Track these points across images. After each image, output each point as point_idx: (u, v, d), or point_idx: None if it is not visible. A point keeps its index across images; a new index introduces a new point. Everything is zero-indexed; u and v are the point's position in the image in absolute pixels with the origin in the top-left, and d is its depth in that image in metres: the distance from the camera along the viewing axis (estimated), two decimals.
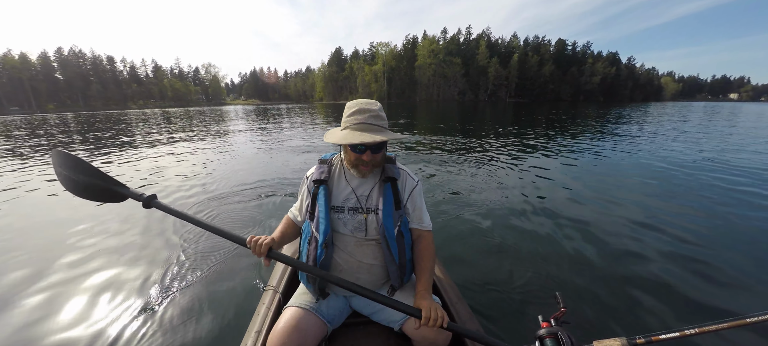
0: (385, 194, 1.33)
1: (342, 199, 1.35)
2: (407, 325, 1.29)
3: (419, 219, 1.41)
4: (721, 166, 6.42)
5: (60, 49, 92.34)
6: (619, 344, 0.83)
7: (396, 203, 1.34)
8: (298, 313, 1.27)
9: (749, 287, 2.48)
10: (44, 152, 8.81)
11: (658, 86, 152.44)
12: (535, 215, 3.80)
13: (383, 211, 1.30)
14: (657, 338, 0.80)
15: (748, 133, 12.22)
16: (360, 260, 1.33)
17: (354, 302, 1.45)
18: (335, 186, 1.37)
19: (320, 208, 1.32)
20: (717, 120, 19.30)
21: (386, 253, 1.31)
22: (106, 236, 3.37)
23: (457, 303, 1.50)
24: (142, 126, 18.02)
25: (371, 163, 1.28)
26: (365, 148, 1.24)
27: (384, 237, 1.30)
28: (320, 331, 1.29)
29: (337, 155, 1.45)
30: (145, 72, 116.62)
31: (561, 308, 1.08)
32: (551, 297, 1.16)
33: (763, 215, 3.84)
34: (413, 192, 1.40)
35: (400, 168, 1.42)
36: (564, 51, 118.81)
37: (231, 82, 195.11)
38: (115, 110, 62.97)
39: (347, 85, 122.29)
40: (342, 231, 1.34)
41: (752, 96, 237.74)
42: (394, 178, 1.36)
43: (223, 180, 5.54)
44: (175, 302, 2.30)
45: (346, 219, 1.34)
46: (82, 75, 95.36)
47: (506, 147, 8.92)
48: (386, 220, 1.30)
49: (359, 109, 1.26)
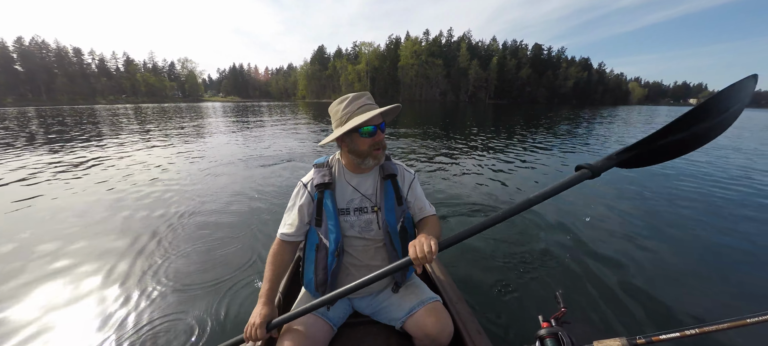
0: (387, 190, 1.34)
1: (346, 200, 1.34)
2: (408, 323, 1.29)
3: (422, 208, 1.42)
4: (721, 167, 6.59)
5: (20, 38, 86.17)
6: (619, 344, 0.81)
7: (397, 198, 1.36)
8: (306, 319, 1.27)
9: (749, 287, 2.52)
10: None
11: (625, 91, 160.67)
12: (534, 215, 3.80)
13: (386, 207, 1.32)
14: (657, 338, 0.80)
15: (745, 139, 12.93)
16: (368, 263, 1.34)
17: (356, 302, 1.45)
18: (338, 188, 1.35)
19: (328, 213, 1.30)
20: None
21: (389, 249, 1.32)
22: (95, 237, 3.24)
23: (457, 303, 1.50)
24: (109, 123, 17.09)
25: (383, 144, 1.28)
26: (376, 129, 1.24)
27: (387, 233, 1.31)
28: (327, 334, 1.30)
29: (333, 157, 1.43)
30: (115, 65, 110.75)
31: (561, 308, 1.08)
32: (551, 297, 1.14)
33: (762, 214, 3.98)
34: (412, 184, 1.42)
35: (396, 163, 1.44)
36: (540, 55, 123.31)
37: (209, 78, 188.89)
38: (82, 105, 59.35)
39: (330, 84, 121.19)
40: (349, 234, 1.33)
41: None
42: (393, 174, 1.37)
43: (201, 187, 5.00)
44: (174, 302, 2.26)
45: (352, 221, 1.33)
46: (45, 67, 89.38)
47: (499, 146, 9.03)
48: (389, 215, 1.32)
49: (356, 95, 1.26)
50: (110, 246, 3.07)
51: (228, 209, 4.04)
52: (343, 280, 1.34)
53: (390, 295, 1.39)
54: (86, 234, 3.33)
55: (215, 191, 4.80)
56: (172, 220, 3.66)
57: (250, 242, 3.15)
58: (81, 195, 4.59)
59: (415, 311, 1.28)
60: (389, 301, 1.38)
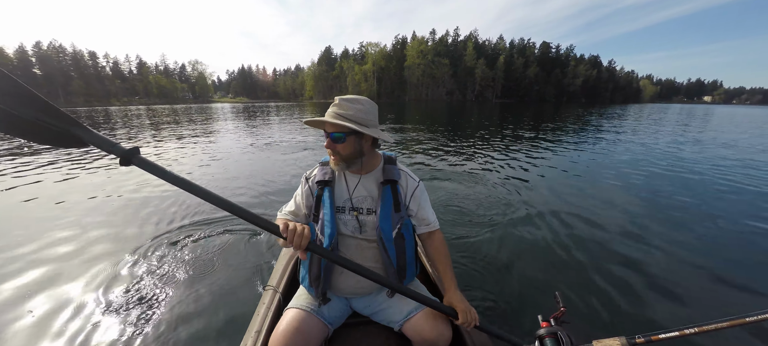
0: (384, 195, 1.33)
1: (343, 199, 1.36)
2: (406, 326, 1.29)
3: (425, 220, 1.39)
4: (721, 167, 6.58)
5: (39, 43, 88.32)
6: (618, 343, 0.82)
7: (396, 204, 1.34)
8: (300, 315, 1.27)
9: (749, 286, 2.52)
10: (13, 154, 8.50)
11: (637, 88, 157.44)
12: (534, 215, 3.81)
13: (381, 212, 1.30)
14: (657, 337, 0.81)
15: (740, 134, 12.71)
16: (361, 262, 1.32)
17: (354, 303, 1.44)
18: (337, 187, 1.37)
19: (325, 210, 1.32)
20: (694, 121, 19.85)
21: (382, 253, 1.31)
22: (93, 228, 3.37)
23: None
24: (126, 123, 17.51)
25: (332, 151, 1.26)
26: (326, 137, 1.26)
27: (381, 239, 1.29)
28: (321, 333, 1.30)
29: None
30: (129, 68, 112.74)
31: (561, 307, 1.09)
32: (551, 297, 1.18)
33: (763, 214, 3.97)
34: (415, 193, 1.38)
35: (401, 169, 1.40)
36: (548, 53, 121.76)
37: (218, 80, 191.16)
38: (97, 107, 60.76)
39: (337, 84, 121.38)
40: (344, 232, 1.35)
41: (724, 99, 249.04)
42: (394, 180, 1.35)
43: (206, 182, 5.38)
44: (174, 301, 2.29)
45: (347, 220, 1.35)
46: (62, 70, 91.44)
47: (501, 147, 8.98)
48: (383, 222, 1.30)
49: (335, 102, 1.26)
50: (108, 248, 3.11)
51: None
52: (336, 277, 1.36)
53: (389, 296, 1.39)
54: (82, 236, 3.39)
55: (217, 190, 4.93)
56: (173, 218, 3.78)
57: (255, 237, 3.23)
58: (84, 193, 4.75)
59: (412, 315, 1.29)
60: (388, 302, 1.38)
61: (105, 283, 2.54)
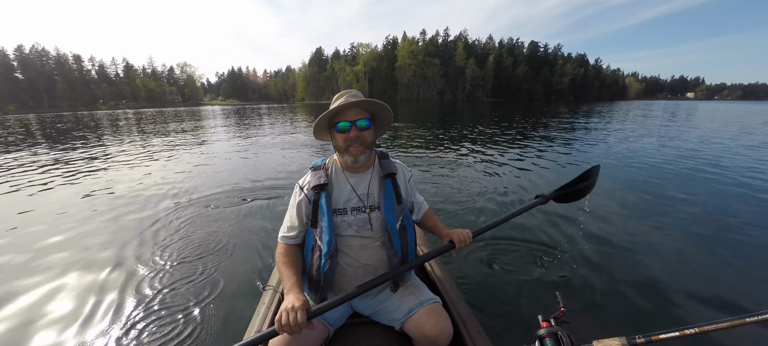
0: (386, 189, 1.34)
1: (343, 200, 1.33)
2: (408, 324, 1.28)
3: (420, 205, 1.53)
4: (721, 167, 6.49)
5: (20, 47, 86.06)
6: (619, 343, 0.82)
7: (397, 197, 1.35)
8: None
9: (749, 285, 2.52)
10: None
11: (623, 86, 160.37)
12: (533, 215, 3.76)
13: (385, 206, 1.32)
14: (657, 337, 0.81)
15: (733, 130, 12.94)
16: (365, 263, 1.32)
17: (355, 302, 1.43)
18: (335, 188, 1.34)
19: (323, 215, 1.29)
20: (693, 118, 20.08)
21: (389, 248, 1.31)
22: (93, 238, 3.37)
23: (457, 303, 1.50)
24: (111, 129, 17.15)
25: (359, 140, 1.26)
26: (350, 126, 1.25)
27: (387, 232, 1.30)
28: (322, 334, 1.29)
29: (330, 159, 1.43)
30: (115, 71, 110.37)
31: (561, 307, 1.10)
32: (551, 297, 1.17)
33: (763, 213, 3.97)
34: (409, 183, 1.45)
35: (396, 162, 1.44)
36: (536, 53, 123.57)
37: (207, 82, 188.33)
38: (83, 111, 59.45)
39: (329, 85, 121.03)
40: (346, 233, 1.32)
41: (706, 95, 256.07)
42: (393, 173, 1.37)
43: (203, 184, 5.35)
44: (175, 302, 2.30)
45: (350, 220, 1.32)
46: (45, 74, 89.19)
47: (494, 145, 9.02)
48: (388, 215, 1.31)
49: (343, 92, 1.32)
50: (103, 252, 3.12)
51: (226, 209, 4.13)
52: (338, 281, 1.34)
53: (389, 295, 1.38)
54: (76, 239, 3.42)
55: (214, 191, 4.91)
56: (172, 220, 3.79)
57: (255, 238, 3.26)
58: (79, 197, 4.69)
59: (414, 312, 1.28)
60: (389, 301, 1.37)
61: (105, 284, 2.57)
